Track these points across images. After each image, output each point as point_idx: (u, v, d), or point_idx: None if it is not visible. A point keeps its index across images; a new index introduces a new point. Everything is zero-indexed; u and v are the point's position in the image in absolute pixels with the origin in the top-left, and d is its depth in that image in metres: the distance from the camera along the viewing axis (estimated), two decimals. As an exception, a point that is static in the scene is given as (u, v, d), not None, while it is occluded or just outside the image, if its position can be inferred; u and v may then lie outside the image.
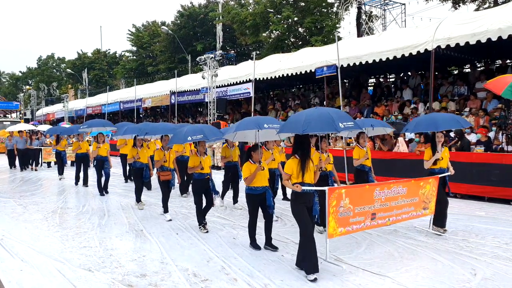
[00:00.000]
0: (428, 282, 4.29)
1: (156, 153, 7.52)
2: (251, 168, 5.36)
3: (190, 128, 6.50)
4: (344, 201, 4.72)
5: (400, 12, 25.06)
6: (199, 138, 6.22)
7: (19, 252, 5.44)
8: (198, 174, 6.32)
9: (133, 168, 8.54)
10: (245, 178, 5.32)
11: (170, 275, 4.58)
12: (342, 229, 4.75)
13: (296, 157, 4.59)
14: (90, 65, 51.39)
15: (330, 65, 13.07)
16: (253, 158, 5.47)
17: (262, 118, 5.93)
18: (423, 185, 5.74)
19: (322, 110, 4.67)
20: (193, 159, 6.38)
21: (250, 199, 5.43)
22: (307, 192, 4.52)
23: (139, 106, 24.72)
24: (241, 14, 25.99)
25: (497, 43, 9.58)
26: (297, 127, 4.49)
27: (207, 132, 6.35)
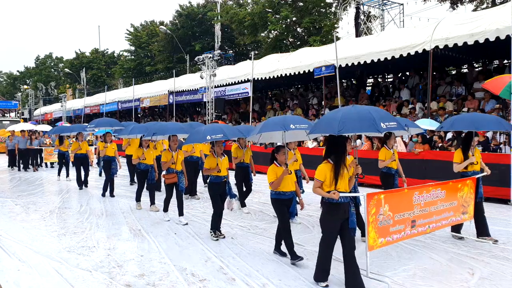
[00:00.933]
0: (426, 282, 4.29)
1: (164, 154, 7.04)
2: (277, 172, 4.95)
3: (209, 126, 6.18)
4: (383, 208, 4.26)
5: (398, 12, 25.10)
6: (219, 138, 5.86)
7: (17, 251, 5.42)
8: (215, 176, 5.93)
9: (138, 169, 8.22)
10: (271, 183, 4.90)
11: (168, 274, 4.57)
12: (382, 239, 4.28)
13: (329, 162, 4.09)
14: (88, 65, 51.33)
15: (329, 65, 13.09)
16: (279, 161, 5.05)
17: (288, 118, 5.39)
18: (461, 187, 5.36)
19: (360, 108, 4.19)
20: (210, 161, 5.97)
21: (278, 204, 5.00)
22: (343, 201, 4.05)
23: (137, 106, 24.70)
24: (240, 14, 25.98)
25: (494, 44, 9.61)
26: (331, 127, 4.00)
27: (227, 131, 6.01)
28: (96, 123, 10.93)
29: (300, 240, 5.84)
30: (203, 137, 5.84)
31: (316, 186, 4.10)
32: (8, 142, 16.70)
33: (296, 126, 5.15)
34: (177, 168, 7.00)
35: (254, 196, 9.52)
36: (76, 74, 50.65)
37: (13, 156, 16.48)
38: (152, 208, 8.04)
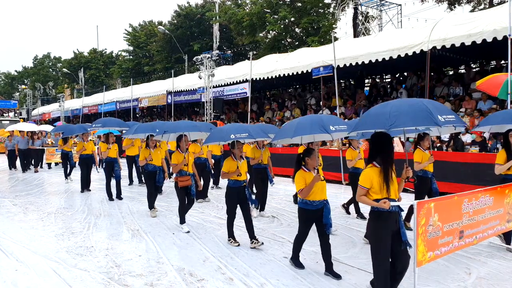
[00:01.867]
0: (424, 281, 4.31)
1: (174, 156, 6.53)
2: (306, 178, 4.41)
3: (232, 125, 5.79)
4: (433, 218, 3.82)
5: (396, 13, 25.18)
6: (244, 137, 5.47)
7: (14, 251, 5.42)
8: (234, 181, 5.51)
9: (145, 171, 7.70)
10: (300, 190, 4.38)
11: (166, 274, 4.58)
12: (431, 253, 3.85)
13: (375, 165, 3.56)
14: (86, 65, 51.22)
15: (327, 66, 13.10)
16: (308, 165, 4.48)
17: (325, 119, 4.71)
18: (508, 193, 4.95)
19: (412, 100, 3.73)
20: (229, 164, 5.53)
21: (305, 215, 4.50)
22: (394, 210, 3.54)
23: (136, 106, 24.66)
24: (238, 14, 26.00)
25: (492, 44, 9.64)
26: (379, 122, 3.49)
27: (253, 131, 5.60)
28: (103, 122, 10.40)
29: (298, 240, 5.85)
30: (226, 136, 5.44)
31: (360, 194, 3.57)
32: (7, 143, 16.31)
33: (336, 127, 4.60)
34: (189, 171, 6.56)
35: (252, 196, 9.53)
36: (74, 74, 50.56)
37: (13, 157, 16.08)
38: (152, 213, 7.61)
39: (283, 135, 4.94)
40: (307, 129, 4.53)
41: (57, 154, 15.58)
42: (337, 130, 4.60)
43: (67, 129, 12.61)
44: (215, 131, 6.04)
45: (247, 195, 5.54)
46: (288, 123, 5.22)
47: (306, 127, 4.56)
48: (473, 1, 22.36)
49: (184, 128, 6.77)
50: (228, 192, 5.60)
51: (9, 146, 16.12)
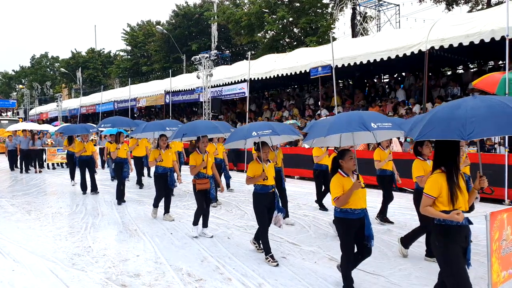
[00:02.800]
0: (422, 281, 4.31)
1: (192, 157, 6.06)
2: (343, 184, 3.90)
3: (254, 123, 5.29)
4: (506, 232, 3.33)
5: (394, 13, 25.20)
6: (267, 134, 4.95)
7: (11, 252, 5.39)
8: (261, 186, 4.99)
9: (156, 173, 7.28)
10: (336, 198, 3.89)
11: (164, 275, 4.56)
12: (505, 273, 3.34)
13: (443, 171, 3.10)
14: (84, 64, 51.10)
15: (325, 66, 13.11)
16: (345, 169, 3.97)
17: (366, 115, 4.06)
18: None
19: (488, 101, 2.99)
20: (254, 167, 5.02)
21: (345, 225, 3.95)
22: (465, 224, 3.08)
23: (134, 105, 24.63)
24: (236, 14, 25.97)
25: (490, 45, 9.66)
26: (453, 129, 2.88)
27: (277, 127, 5.10)
28: (112, 122, 9.93)
29: (296, 240, 5.85)
30: (248, 133, 4.94)
31: (426, 204, 3.10)
32: (8, 143, 15.88)
33: (378, 125, 3.93)
34: (208, 173, 6.09)
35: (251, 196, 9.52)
36: (72, 74, 50.44)
37: (14, 157, 15.67)
38: (166, 217, 7.21)
39: (315, 134, 4.33)
40: (343, 127, 3.89)
41: (58, 154, 15.39)
42: (379, 127, 3.92)
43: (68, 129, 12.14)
44: (236, 130, 5.55)
45: (275, 203, 5.00)
46: (321, 121, 4.91)
47: (342, 124, 3.92)
48: (471, 1, 22.41)
49: (203, 129, 6.33)
50: (256, 199, 5.05)
51: (9, 146, 15.72)
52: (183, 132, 6.28)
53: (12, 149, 15.57)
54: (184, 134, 6.24)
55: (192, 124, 6.67)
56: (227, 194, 9.41)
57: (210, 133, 6.49)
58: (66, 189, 10.92)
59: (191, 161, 6.03)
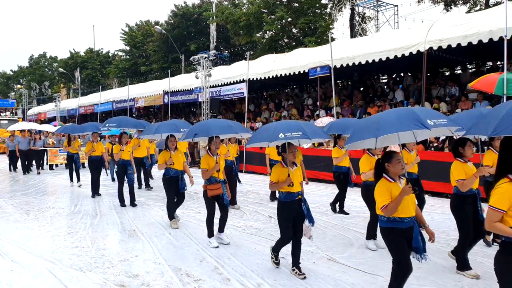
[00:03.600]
0: (420, 281, 4.32)
1: (204, 160, 5.64)
2: (391, 190, 3.46)
3: (282, 122, 4.81)
4: None
5: (393, 13, 25.22)
6: (296, 137, 4.34)
7: (10, 252, 5.38)
8: (286, 193, 4.47)
9: (165, 176, 6.73)
10: (384, 206, 3.41)
11: (163, 275, 4.56)
12: None
13: (510, 179, 2.68)
14: (82, 64, 51.03)
15: (324, 66, 13.13)
16: (391, 173, 3.54)
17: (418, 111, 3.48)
18: None
19: None
20: (278, 171, 4.51)
21: (395, 237, 3.48)
22: None
23: (132, 105, 24.62)
24: (235, 14, 25.96)
25: (488, 45, 9.69)
26: None
27: (308, 130, 4.45)
28: (118, 122, 9.46)
29: (295, 240, 5.85)
30: (273, 135, 4.33)
31: (494, 220, 2.69)
32: (9, 143, 15.52)
33: (434, 121, 3.41)
34: (220, 177, 5.67)
35: (249, 196, 9.53)
36: (70, 74, 50.36)
37: (14, 157, 15.33)
38: (173, 224, 6.72)
39: (362, 135, 3.60)
40: (395, 125, 3.34)
41: (60, 155, 15.20)
42: (436, 124, 3.39)
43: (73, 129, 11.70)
44: (260, 130, 5.00)
45: (304, 211, 4.47)
46: (365, 120, 4.15)
47: (393, 122, 3.37)
48: (469, 2, 22.47)
49: (216, 129, 5.67)
50: (280, 208, 4.54)
51: (10, 146, 15.37)
52: (194, 132, 5.70)
53: (13, 149, 15.25)
54: (196, 134, 5.67)
55: (204, 124, 6.00)
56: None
57: (224, 133, 5.94)
58: (65, 190, 10.90)
59: (202, 164, 5.62)
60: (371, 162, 5.26)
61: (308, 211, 4.49)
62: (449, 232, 6.20)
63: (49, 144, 16.04)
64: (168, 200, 6.77)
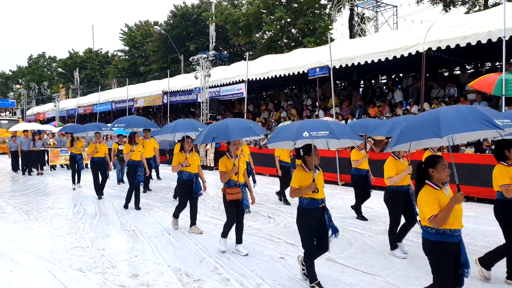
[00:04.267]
0: (419, 281, 4.33)
1: (222, 162, 5.29)
2: (440, 198, 3.08)
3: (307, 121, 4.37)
4: None
5: (392, 14, 25.27)
6: (323, 136, 3.94)
7: (9, 252, 5.38)
8: (309, 200, 4.08)
9: (180, 180, 6.40)
10: (433, 217, 3.01)
11: (163, 275, 4.57)
12: None
13: None
14: (81, 65, 51.01)
15: (323, 66, 13.14)
16: (435, 180, 3.15)
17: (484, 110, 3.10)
18: None
19: None
20: (300, 176, 4.12)
21: (443, 252, 3.10)
22: None
23: (131, 106, 24.61)
24: (234, 15, 25.98)
25: (487, 46, 9.71)
26: None
27: (336, 129, 4.02)
28: (127, 122, 9.03)
29: (294, 240, 5.86)
30: (297, 134, 3.97)
31: None
32: (11, 143, 15.30)
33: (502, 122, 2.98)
34: (239, 180, 5.30)
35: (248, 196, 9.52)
36: (69, 74, 50.32)
37: (16, 158, 15.17)
38: (194, 229, 6.40)
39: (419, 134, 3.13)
40: (461, 125, 2.90)
41: (61, 156, 14.92)
42: (505, 124, 3.03)
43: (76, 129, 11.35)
44: (282, 129, 4.66)
45: (326, 220, 4.14)
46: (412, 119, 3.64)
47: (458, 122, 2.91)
48: (468, 2, 22.52)
49: (236, 132, 5.14)
50: (301, 216, 4.15)
51: (13, 147, 15.18)
52: (212, 135, 5.18)
53: (15, 150, 15.08)
54: (215, 137, 5.16)
55: (223, 125, 5.31)
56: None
57: (245, 136, 5.57)
58: (64, 190, 10.89)
59: (220, 166, 5.28)
60: (396, 166, 5.08)
61: (330, 220, 4.16)
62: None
63: (50, 145, 15.80)
64: (178, 204, 6.51)
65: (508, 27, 8.68)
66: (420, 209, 3.16)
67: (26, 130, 15.50)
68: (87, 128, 10.56)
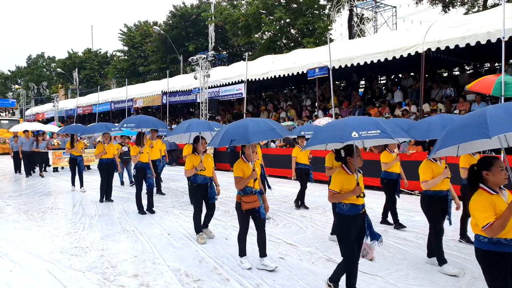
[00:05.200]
0: (419, 281, 4.33)
1: (238, 167, 4.69)
2: (495, 204, 2.81)
3: (352, 119, 3.87)
4: None
5: (391, 14, 25.33)
6: (374, 136, 3.54)
7: (8, 252, 5.37)
8: (350, 206, 3.73)
9: (193, 184, 5.88)
10: (489, 225, 2.73)
11: (162, 275, 4.57)
12: None
13: None
14: (81, 65, 50.98)
15: (322, 67, 13.16)
16: (490, 183, 2.90)
17: None
18: None
19: None
20: (342, 179, 3.77)
21: (498, 263, 2.84)
22: None
23: (130, 106, 24.61)
24: (234, 15, 26.01)
25: (486, 46, 9.74)
26: None
27: (388, 127, 3.60)
28: (137, 122, 8.37)
29: (294, 241, 5.87)
30: (345, 134, 3.49)
31: None
32: (13, 144, 14.86)
33: None
34: (255, 187, 4.73)
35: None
36: (68, 74, 50.29)
37: (18, 159, 14.71)
38: (199, 238, 5.86)
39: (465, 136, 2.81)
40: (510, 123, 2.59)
41: (64, 158, 14.54)
42: None
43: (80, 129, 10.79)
44: (323, 129, 4.01)
45: (366, 226, 3.79)
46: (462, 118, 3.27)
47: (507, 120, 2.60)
48: (467, 3, 22.55)
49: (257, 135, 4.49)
50: (342, 224, 3.79)
51: (14, 147, 14.77)
52: (230, 137, 4.56)
53: (17, 150, 14.62)
54: (233, 140, 4.54)
55: (241, 126, 4.64)
56: (224, 194, 9.38)
57: (267, 138, 4.99)
58: (63, 190, 10.88)
59: (236, 171, 4.68)
60: (432, 169, 4.67)
61: (370, 226, 3.79)
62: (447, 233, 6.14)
63: (55, 146, 15.38)
64: (195, 211, 5.93)
65: (507, 28, 8.70)
66: (473, 216, 2.89)
67: (26, 131, 15.13)
68: (96, 129, 9.91)
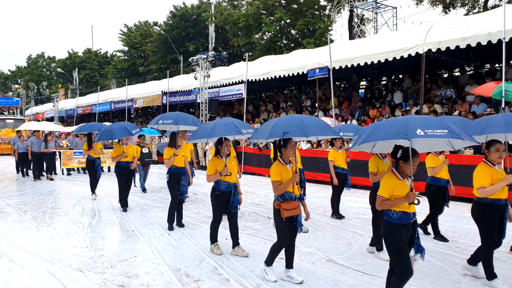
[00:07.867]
0: (419, 282, 4.33)
1: (275, 169, 4.20)
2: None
3: (413, 117, 3.39)
4: None
5: (391, 15, 25.32)
6: (441, 135, 3.08)
7: (8, 252, 5.37)
8: (401, 214, 3.41)
9: (216, 192, 5.20)
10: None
11: (162, 275, 4.56)
12: None
13: None
14: (80, 65, 50.96)
15: (322, 67, 13.16)
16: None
17: None
18: None
19: None
20: (392, 184, 3.44)
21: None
22: None
23: (130, 106, 24.60)
24: (234, 15, 26.01)
25: (486, 47, 9.74)
26: None
27: (455, 127, 3.24)
28: (175, 118, 6.89)
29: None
30: (410, 130, 3.08)
31: None
32: (19, 144, 13.78)
33: None
34: (295, 192, 4.25)
35: (248, 197, 9.53)
36: (68, 74, 50.26)
37: (24, 161, 13.72)
38: (238, 251, 5.29)
39: None
40: None
41: (74, 158, 13.84)
42: None
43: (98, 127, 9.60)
44: (381, 125, 3.48)
45: (416, 238, 3.47)
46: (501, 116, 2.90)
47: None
48: (467, 4, 22.55)
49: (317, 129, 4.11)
50: (392, 233, 3.43)
51: (21, 148, 13.62)
52: (283, 129, 4.00)
53: (24, 151, 13.51)
54: (286, 132, 3.97)
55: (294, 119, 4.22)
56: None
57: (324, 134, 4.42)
58: (63, 190, 10.87)
59: (274, 174, 4.19)
60: (491, 174, 4.03)
61: (418, 238, 3.48)
62: (447, 234, 6.21)
63: (63, 146, 14.82)
64: (214, 219, 5.36)
65: (508, 29, 8.70)
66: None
67: (37, 130, 13.90)
68: (115, 133, 7.88)
